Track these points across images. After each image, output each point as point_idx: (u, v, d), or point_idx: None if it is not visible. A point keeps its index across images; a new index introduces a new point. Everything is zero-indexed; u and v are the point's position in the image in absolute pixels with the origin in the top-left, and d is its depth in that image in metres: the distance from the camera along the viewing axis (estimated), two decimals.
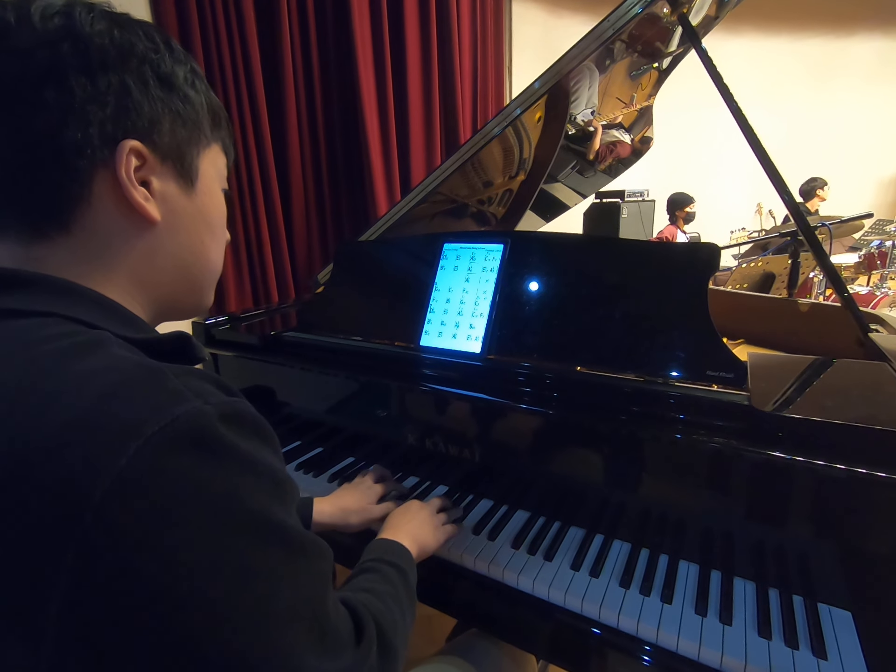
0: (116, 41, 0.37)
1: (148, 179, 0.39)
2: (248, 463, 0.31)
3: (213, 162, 0.46)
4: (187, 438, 0.28)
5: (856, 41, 4.49)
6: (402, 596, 0.52)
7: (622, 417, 0.70)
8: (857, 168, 4.57)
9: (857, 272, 3.16)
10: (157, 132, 0.39)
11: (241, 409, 0.32)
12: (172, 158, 0.41)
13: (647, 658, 0.59)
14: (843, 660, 0.54)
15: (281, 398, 1.06)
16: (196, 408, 0.29)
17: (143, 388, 0.29)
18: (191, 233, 0.44)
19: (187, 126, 0.42)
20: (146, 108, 0.38)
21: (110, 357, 0.32)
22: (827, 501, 0.59)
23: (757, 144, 0.92)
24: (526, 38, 3.46)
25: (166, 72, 0.40)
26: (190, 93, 0.42)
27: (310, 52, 2.11)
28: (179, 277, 0.44)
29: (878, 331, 0.88)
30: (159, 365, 0.32)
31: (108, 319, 0.36)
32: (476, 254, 0.91)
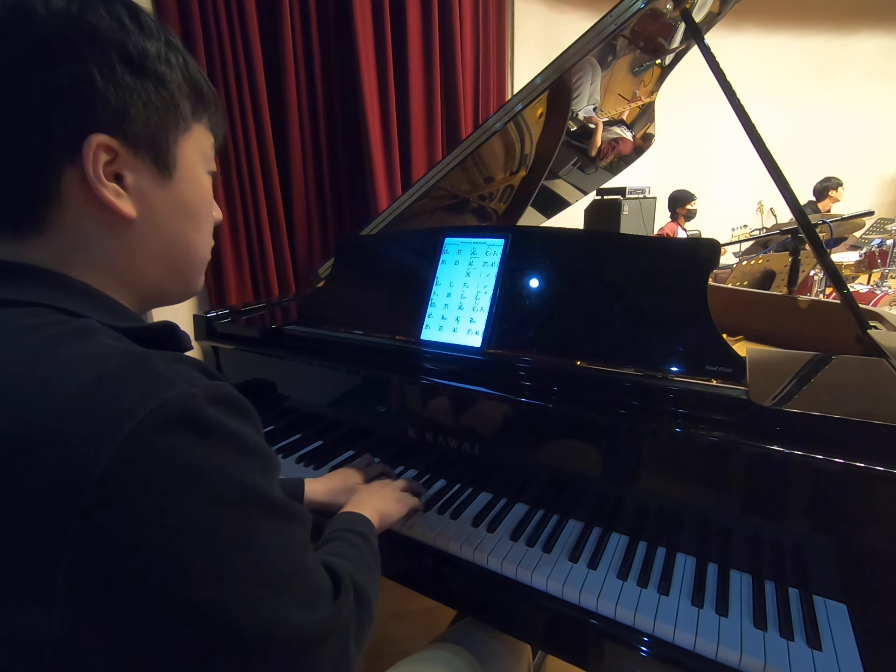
0: (75, 23, 0.34)
1: (121, 173, 0.37)
2: (235, 440, 0.32)
3: (195, 146, 0.43)
4: (178, 419, 0.29)
5: (859, 37, 4.48)
6: (368, 557, 0.55)
7: (621, 411, 0.70)
8: (859, 166, 4.56)
9: (857, 270, 3.16)
10: (127, 123, 0.36)
11: (225, 391, 0.33)
12: (146, 149, 0.38)
13: (644, 648, 0.60)
14: (838, 651, 0.55)
15: (282, 391, 1.07)
16: (185, 391, 0.30)
17: (134, 372, 0.30)
18: (171, 225, 0.42)
19: (161, 112, 0.38)
20: (112, 98, 0.35)
21: (99, 345, 0.32)
22: (823, 495, 0.60)
23: (759, 141, 0.92)
24: (528, 33, 3.45)
25: (134, 52, 0.36)
26: (164, 71, 0.38)
27: (311, 45, 2.10)
28: (163, 269, 0.43)
29: (876, 328, 0.89)
30: (147, 351, 0.32)
31: (95, 309, 0.37)
32: (477, 248, 0.91)
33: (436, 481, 0.88)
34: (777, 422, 0.61)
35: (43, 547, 0.27)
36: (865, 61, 4.49)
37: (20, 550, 0.27)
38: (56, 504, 0.27)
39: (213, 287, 2.03)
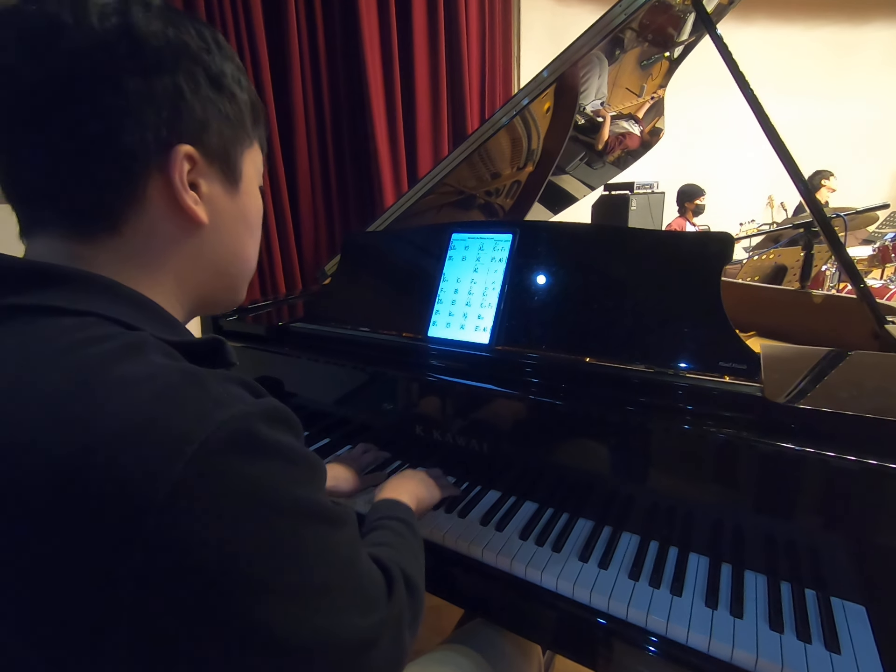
0: (171, 41, 0.37)
1: (197, 182, 0.40)
2: (288, 455, 0.33)
3: (253, 160, 0.46)
4: (235, 440, 0.30)
5: (871, 27, 4.39)
6: (412, 543, 0.57)
7: (632, 408, 0.69)
8: (872, 158, 4.49)
9: (870, 265, 3.11)
10: (207, 135, 0.39)
11: (274, 407, 0.34)
12: (220, 160, 0.41)
13: (655, 649, 0.59)
14: (857, 654, 0.53)
15: (289, 388, 1.06)
16: (239, 410, 0.31)
17: (189, 394, 0.31)
18: (232, 233, 0.44)
19: (233, 126, 0.42)
20: (198, 110, 0.38)
21: (152, 363, 0.32)
22: (840, 494, 0.58)
23: (773, 133, 0.90)
24: (534, 26, 3.42)
25: (216, 72, 0.40)
26: (237, 91, 0.42)
27: (316, 40, 2.09)
28: (219, 276, 0.45)
29: (894, 323, 0.87)
30: (200, 371, 0.33)
31: (147, 320, 0.37)
32: (485, 244, 0.90)
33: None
34: (793, 419, 0.60)
35: (104, 575, 0.27)
36: (878, 51, 4.41)
37: (78, 578, 0.27)
38: (117, 533, 0.27)
39: None
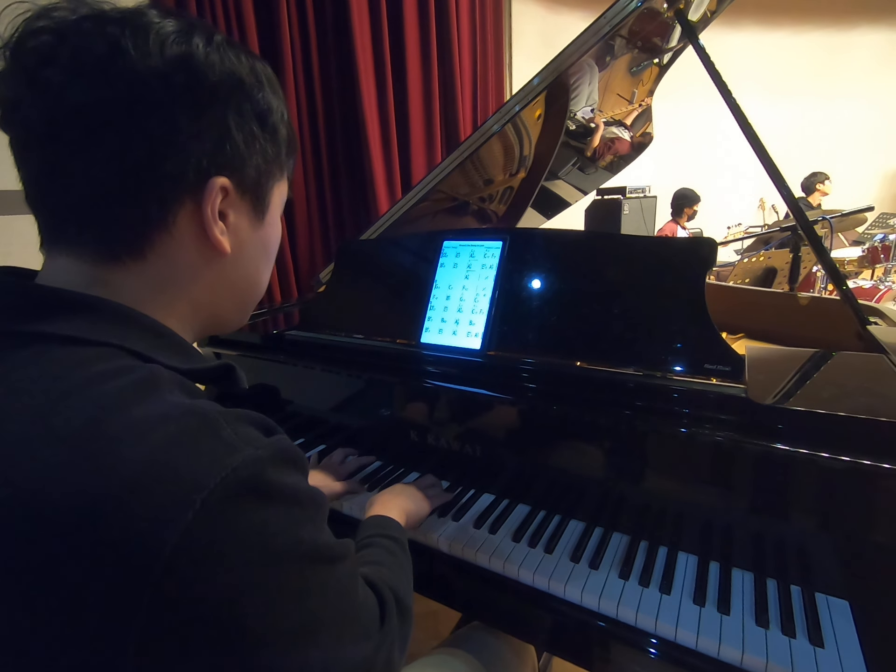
0: (227, 76, 0.37)
1: (226, 213, 0.40)
2: (295, 497, 0.33)
3: (280, 192, 0.46)
4: (245, 487, 0.30)
5: (858, 33, 4.46)
6: (402, 561, 0.58)
7: (620, 411, 0.70)
8: (861, 161, 4.55)
9: (860, 266, 3.15)
10: (245, 168, 0.40)
11: (284, 448, 0.34)
12: (251, 193, 0.41)
13: (647, 648, 0.60)
14: (840, 648, 0.55)
15: (284, 396, 1.07)
16: (250, 455, 0.31)
17: (200, 438, 0.31)
18: (251, 262, 0.45)
19: (269, 161, 0.42)
20: (240, 144, 0.39)
21: (166, 403, 0.32)
22: (823, 492, 0.60)
23: (755, 140, 0.92)
24: (526, 34, 3.46)
25: (264, 108, 0.40)
26: (280, 127, 0.42)
27: (309, 49, 2.12)
28: (233, 301, 0.46)
29: (877, 323, 0.89)
30: (212, 412, 0.33)
31: (160, 349, 0.37)
32: (475, 251, 0.91)
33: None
34: (775, 419, 0.61)
35: (112, 619, 0.27)
36: (865, 56, 4.48)
37: (86, 623, 0.27)
38: (126, 578, 0.27)
39: None
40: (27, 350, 0.33)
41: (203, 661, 0.29)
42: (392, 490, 0.76)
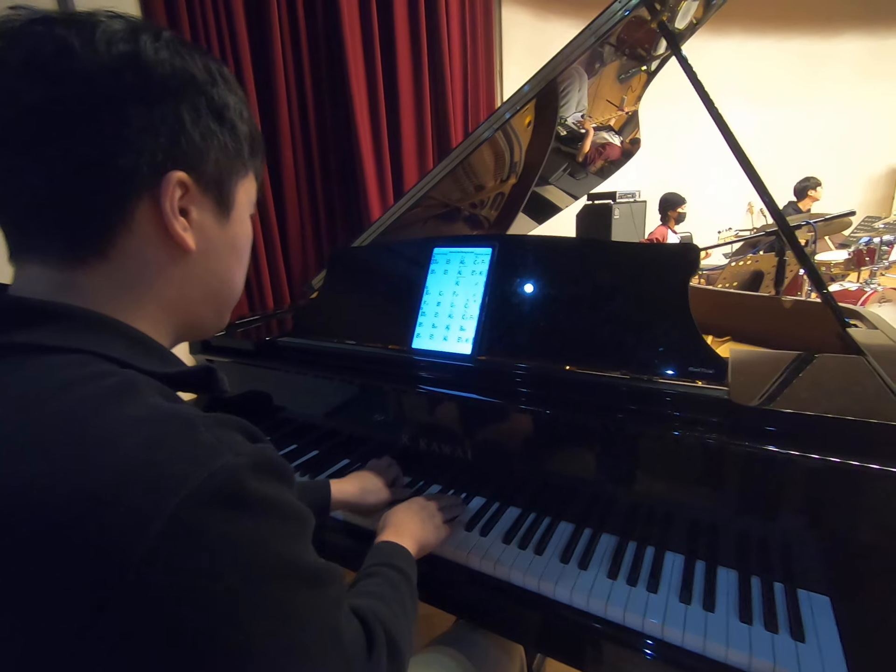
0: (177, 72, 0.37)
1: (188, 209, 0.40)
2: (275, 509, 0.33)
3: (246, 189, 0.46)
4: (222, 494, 0.30)
5: (842, 39, 4.56)
6: (405, 599, 0.55)
7: (607, 414, 0.72)
8: (846, 165, 4.63)
9: (846, 269, 3.20)
10: (204, 163, 0.40)
11: (267, 457, 0.34)
12: (214, 189, 0.41)
13: (634, 645, 0.61)
14: (821, 642, 0.56)
15: (277, 402, 1.08)
16: (228, 462, 0.30)
17: (179, 442, 0.30)
18: (221, 260, 0.45)
19: (230, 157, 0.42)
20: (197, 139, 0.39)
21: (144, 406, 0.32)
22: (803, 490, 0.61)
23: (736, 147, 0.94)
24: (516, 42, 3.50)
25: (219, 103, 0.40)
26: (238, 123, 0.42)
27: (301, 57, 2.13)
28: (206, 302, 0.45)
29: (856, 325, 0.91)
30: (191, 416, 0.32)
31: (137, 354, 0.37)
32: (465, 258, 0.93)
33: (429, 487, 0.90)
34: (757, 420, 0.63)
35: (82, 628, 0.27)
36: (849, 62, 4.57)
37: (59, 627, 0.27)
38: (97, 583, 0.27)
39: None
40: (2, 361, 0.33)
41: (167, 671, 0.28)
42: (410, 510, 0.72)
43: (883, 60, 4.54)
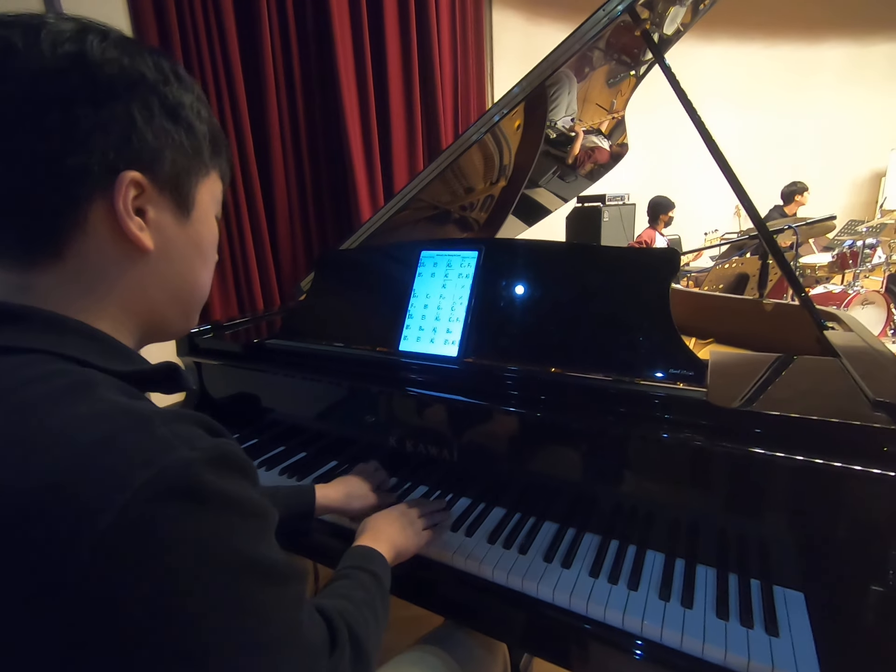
0: (126, 71, 0.37)
1: (144, 208, 0.39)
2: (233, 505, 0.32)
3: (210, 190, 0.46)
4: (175, 489, 0.29)
5: (827, 47, 4.64)
6: (376, 602, 0.55)
7: (589, 415, 0.73)
8: (830, 170, 4.71)
9: (830, 271, 3.26)
10: (159, 163, 0.39)
11: (225, 451, 0.33)
12: (170, 188, 0.41)
13: (617, 642, 0.62)
14: (794, 636, 0.57)
15: (265, 405, 1.08)
16: (183, 456, 0.30)
17: (132, 437, 0.30)
18: (183, 260, 0.44)
19: (188, 156, 0.42)
20: (150, 138, 0.38)
21: (99, 403, 0.32)
22: (778, 489, 0.63)
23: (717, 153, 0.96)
24: (506, 46, 3.52)
25: (173, 102, 0.40)
26: (195, 122, 0.42)
27: (291, 60, 2.14)
28: (170, 303, 0.45)
29: (833, 328, 0.93)
30: (147, 411, 0.32)
31: (96, 353, 0.36)
32: (452, 261, 0.94)
33: (416, 488, 0.91)
34: (734, 421, 0.64)
35: (34, 620, 0.27)
36: (834, 69, 4.66)
37: (12, 622, 0.27)
38: (46, 579, 0.27)
39: None
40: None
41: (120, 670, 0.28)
42: (389, 516, 0.72)
43: (866, 67, 4.64)
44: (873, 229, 3.20)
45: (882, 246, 3.18)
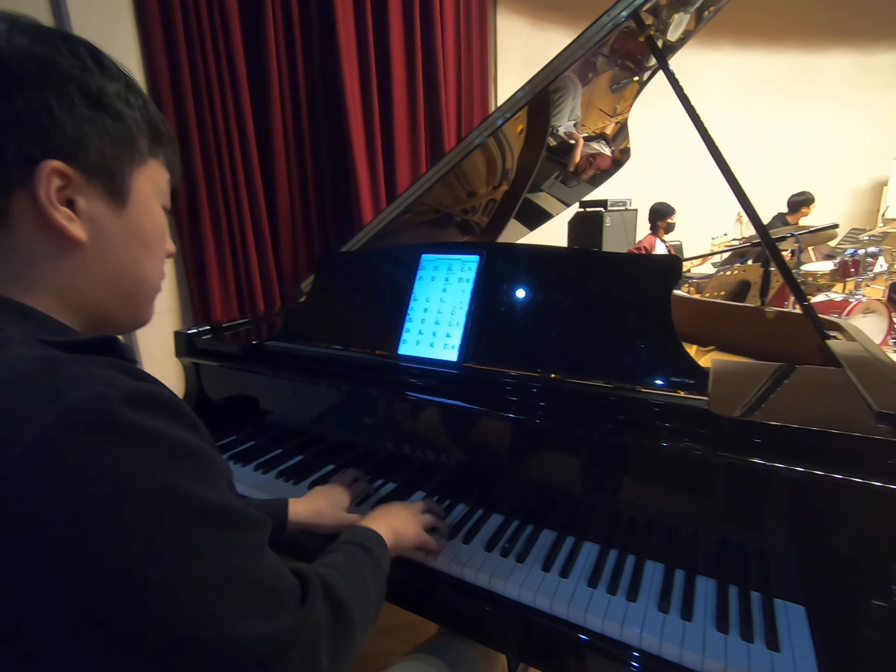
0: (37, 58, 0.36)
1: (73, 198, 0.39)
2: (158, 440, 0.31)
3: (150, 179, 0.45)
4: (87, 421, 0.29)
5: (829, 55, 4.65)
6: (364, 570, 0.54)
7: (589, 422, 0.73)
8: (833, 178, 4.71)
9: (832, 279, 3.25)
10: (82, 151, 0.38)
11: (148, 391, 0.33)
12: (100, 177, 0.40)
13: (613, 654, 0.61)
14: (795, 651, 0.57)
15: (262, 407, 1.08)
16: (97, 391, 0.30)
17: (40, 376, 0.30)
18: (121, 251, 0.43)
19: (118, 144, 0.41)
20: (69, 127, 0.37)
21: (12, 352, 0.32)
22: (778, 501, 0.62)
23: (721, 160, 0.96)
24: (511, 50, 3.53)
25: (94, 89, 0.39)
26: (123, 109, 0.41)
27: (295, 62, 2.14)
28: (110, 294, 0.44)
29: (836, 337, 0.92)
30: (62, 356, 0.32)
31: (26, 326, 0.36)
32: (453, 265, 0.93)
33: (413, 493, 0.90)
34: (735, 431, 0.64)
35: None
36: (835, 78, 4.66)
37: None
38: None
39: (198, 303, 2.03)
40: None
41: (58, 613, 0.27)
42: (391, 506, 0.73)
43: (869, 74, 4.64)
44: (875, 238, 3.19)
45: (884, 255, 3.18)
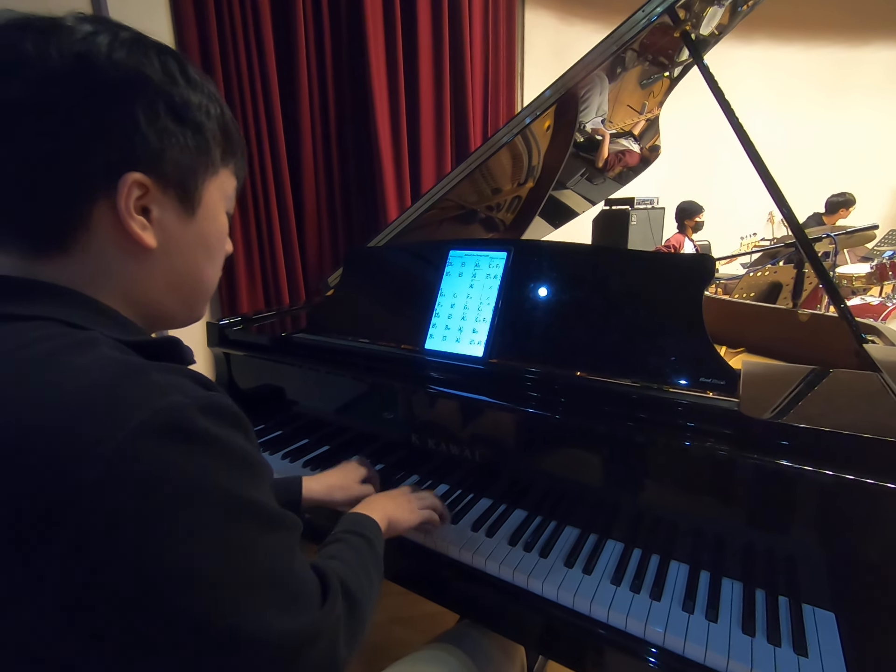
0: (131, 73, 0.38)
1: (148, 207, 0.40)
2: (225, 450, 0.34)
3: (219, 188, 0.46)
4: (168, 428, 0.31)
5: (869, 50, 4.46)
6: (367, 561, 0.56)
7: (616, 421, 0.72)
8: (870, 178, 4.53)
9: (868, 283, 3.14)
10: (162, 164, 0.40)
11: (217, 402, 0.35)
12: (175, 188, 0.41)
13: (635, 652, 0.61)
14: (824, 658, 0.56)
15: (290, 397, 1.10)
16: (176, 400, 0.32)
17: (127, 382, 0.32)
18: (186, 256, 0.45)
19: (194, 156, 0.42)
20: (153, 140, 0.39)
21: (99, 354, 0.34)
22: (808, 505, 0.61)
23: (758, 159, 0.94)
24: (538, 46, 3.49)
25: (179, 102, 0.40)
26: (203, 121, 0.42)
27: (324, 62, 2.16)
28: (172, 295, 0.46)
29: (873, 342, 0.90)
30: (144, 362, 0.34)
31: (102, 324, 0.38)
32: (480, 261, 0.94)
33: (437, 486, 0.91)
34: (766, 433, 0.63)
35: (31, 551, 0.28)
36: (876, 73, 4.48)
37: (8, 555, 0.29)
38: (44, 513, 0.28)
39: (225, 295, 2.08)
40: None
41: (119, 600, 0.29)
42: (385, 492, 0.76)
43: None
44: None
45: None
